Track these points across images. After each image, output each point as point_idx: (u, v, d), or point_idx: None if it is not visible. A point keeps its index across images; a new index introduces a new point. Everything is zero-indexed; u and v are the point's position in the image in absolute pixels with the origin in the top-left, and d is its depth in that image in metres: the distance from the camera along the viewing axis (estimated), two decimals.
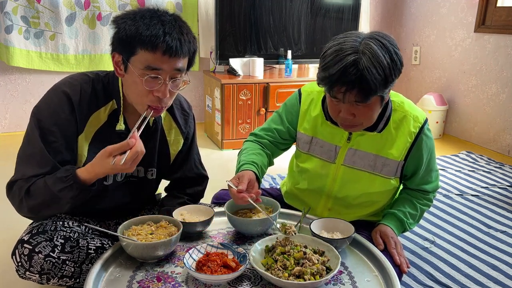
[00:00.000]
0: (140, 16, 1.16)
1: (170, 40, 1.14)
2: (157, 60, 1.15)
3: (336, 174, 1.45)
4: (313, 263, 1.14)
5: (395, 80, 1.24)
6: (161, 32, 1.14)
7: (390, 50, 1.21)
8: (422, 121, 1.40)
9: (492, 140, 3.43)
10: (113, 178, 1.35)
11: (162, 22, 1.15)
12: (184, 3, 3.50)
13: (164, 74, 1.18)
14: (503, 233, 2.03)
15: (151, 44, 1.13)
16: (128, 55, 1.17)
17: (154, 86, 1.18)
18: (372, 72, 1.16)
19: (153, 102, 1.21)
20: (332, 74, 1.19)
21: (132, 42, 1.15)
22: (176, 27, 1.17)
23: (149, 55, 1.15)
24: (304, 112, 1.49)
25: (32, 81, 3.40)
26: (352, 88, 1.19)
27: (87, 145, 1.28)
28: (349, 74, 1.17)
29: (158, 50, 1.14)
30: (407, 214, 1.48)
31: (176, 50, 1.15)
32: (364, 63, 1.17)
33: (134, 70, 1.17)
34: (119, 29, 1.17)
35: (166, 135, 1.43)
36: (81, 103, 1.24)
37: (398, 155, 1.39)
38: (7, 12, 3.06)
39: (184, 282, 1.15)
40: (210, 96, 3.43)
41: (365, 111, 1.26)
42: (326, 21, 3.65)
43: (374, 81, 1.17)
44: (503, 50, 3.26)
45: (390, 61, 1.20)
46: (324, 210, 1.52)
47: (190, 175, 1.54)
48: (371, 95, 1.20)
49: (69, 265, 1.22)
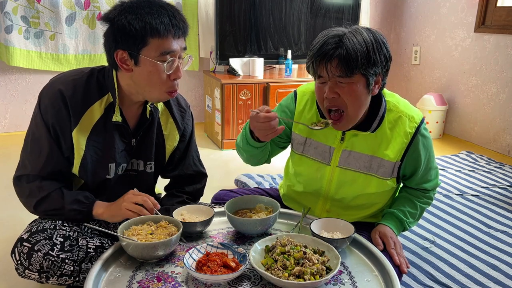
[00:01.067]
0: (138, 7, 1.20)
1: (176, 23, 1.22)
2: (169, 44, 1.22)
3: (332, 176, 1.45)
4: (313, 263, 1.14)
5: (380, 63, 1.26)
6: (167, 18, 1.21)
7: (376, 36, 1.27)
8: (418, 121, 1.39)
9: (492, 140, 3.43)
10: (114, 171, 1.36)
11: (162, 8, 1.22)
12: (184, 3, 3.50)
13: (175, 55, 1.25)
14: (503, 233, 2.02)
15: (163, 31, 1.20)
16: (138, 48, 1.20)
17: (174, 64, 1.25)
18: (353, 41, 1.22)
19: (172, 86, 1.28)
20: (314, 48, 1.26)
21: (143, 34, 1.19)
22: (174, 10, 1.24)
23: (161, 41, 1.21)
24: (300, 113, 1.48)
25: (32, 81, 3.40)
26: (331, 57, 1.22)
27: (85, 138, 1.30)
28: (330, 43, 1.23)
29: (170, 34, 1.21)
30: (407, 213, 1.48)
31: (183, 30, 1.25)
32: (347, 36, 1.23)
33: (149, 61, 1.21)
34: (123, 26, 1.18)
35: (163, 129, 1.45)
36: (74, 98, 1.26)
37: (394, 156, 1.39)
38: (7, 12, 3.06)
39: (184, 282, 1.15)
40: (210, 96, 3.43)
41: (349, 90, 1.27)
42: (326, 21, 3.65)
43: (355, 50, 1.21)
44: (503, 50, 3.26)
45: (374, 40, 1.25)
46: (323, 212, 1.52)
47: (188, 173, 1.54)
48: (353, 67, 1.22)
49: (68, 263, 1.22)
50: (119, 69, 1.26)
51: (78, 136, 1.28)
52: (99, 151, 1.32)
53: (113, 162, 1.35)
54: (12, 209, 1.32)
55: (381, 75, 1.30)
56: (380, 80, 1.30)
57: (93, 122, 1.29)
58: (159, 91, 1.27)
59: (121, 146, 1.35)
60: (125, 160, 1.38)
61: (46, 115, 1.26)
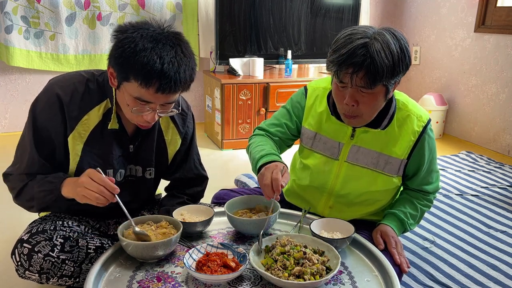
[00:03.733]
0: (142, 44, 1.10)
1: (164, 80, 1.10)
2: (148, 95, 1.13)
3: (339, 170, 1.46)
4: (313, 263, 1.14)
5: (401, 73, 1.26)
6: (157, 71, 1.08)
7: (401, 42, 1.24)
8: (425, 120, 1.41)
9: (492, 140, 3.43)
10: (113, 177, 1.35)
11: (160, 58, 1.09)
12: (184, 3, 3.50)
13: (154, 106, 1.17)
14: (503, 233, 2.02)
15: (144, 82, 1.10)
16: (121, 79, 1.15)
17: (143, 112, 1.17)
18: (381, 55, 1.19)
19: (141, 122, 1.21)
20: (341, 54, 1.21)
21: (128, 70, 1.11)
22: (175, 61, 1.11)
23: (142, 89, 1.12)
24: (310, 108, 1.50)
25: (32, 81, 3.40)
26: (359, 70, 1.20)
27: (82, 144, 1.28)
28: (358, 55, 1.19)
29: (151, 88, 1.11)
30: (408, 215, 1.49)
31: (170, 89, 1.12)
32: (375, 46, 1.19)
33: (124, 95, 1.17)
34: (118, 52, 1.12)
35: (164, 134, 1.43)
36: (71, 103, 1.24)
37: (401, 153, 1.40)
38: (7, 12, 3.06)
39: (184, 282, 1.15)
40: (210, 96, 3.43)
41: (369, 100, 1.27)
42: (326, 21, 3.65)
43: (382, 65, 1.19)
44: (503, 50, 3.26)
45: (399, 50, 1.23)
46: (325, 208, 1.52)
47: (189, 176, 1.54)
48: (377, 81, 1.22)
49: (68, 264, 1.22)
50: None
51: (74, 142, 1.27)
52: (96, 157, 1.30)
53: (111, 168, 1.33)
54: (12, 209, 1.32)
55: (399, 81, 1.31)
56: (397, 83, 1.31)
57: (91, 128, 1.28)
58: (130, 118, 1.23)
59: (119, 152, 1.34)
60: (123, 166, 1.37)
61: (40, 118, 1.24)
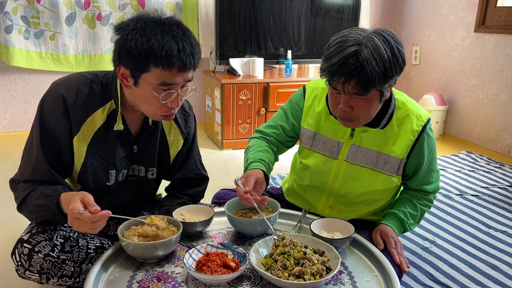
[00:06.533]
0: (150, 30, 1.14)
1: (184, 57, 1.16)
2: (172, 76, 1.17)
3: (339, 170, 1.46)
4: (313, 263, 1.14)
5: (395, 76, 1.25)
6: (175, 50, 1.14)
7: (392, 45, 1.22)
8: (425, 120, 1.41)
9: (492, 140, 3.43)
10: (115, 177, 1.36)
11: (174, 38, 1.15)
12: (184, 3, 3.50)
13: (177, 87, 1.20)
14: (503, 233, 2.02)
15: (167, 63, 1.14)
16: (140, 72, 1.17)
17: (172, 96, 1.20)
18: (371, 63, 1.18)
19: (167, 112, 1.24)
20: (332, 64, 1.21)
21: (146, 60, 1.14)
22: (186, 41, 1.17)
23: (163, 72, 1.16)
24: (308, 108, 1.51)
25: (32, 81, 3.40)
26: (350, 79, 1.20)
27: (86, 146, 1.28)
28: (349, 64, 1.19)
29: (174, 68, 1.16)
30: (408, 214, 1.48)
31: (190, 65, 1.18)
32: (365, 55, 1.19)
33: (147, 86, 1.18)
34: (129, 46, 1.14)
35: (166, 135, 1.43)
36: (76, 105, 1.24)
37: (401, 152, 1.40)
38: (7, 12, 3.06)
39: (184, 282, 1.15)
40: (210, 96, 3.43)
41: (364, 105, 1.27)
42: (326, 21, 3.65)
43: (373, 73, 1.19)
44: (503, 50, 3.26)
45: (391, 55, 1.21)
46: (325, 208, 1.52)
47: (190, 176, 1.54)
48: (370, 88, 1.21)
49: (68, 264, 1.22)
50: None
51: (79, 143, 1.26)
52: (100, 158, 1.30)
53: (113, 169, 1.33)
54: (13, 209, 1.32)
55: (394, 82, 1.30)
56: (392, 85, 1.31)
57: (95, 130, 1.27)
58: (153, 113, 1.24)
59: (122, 152, 1.34)
60: (126, 166, 1.37)
61: (47, 120, 1.23)
